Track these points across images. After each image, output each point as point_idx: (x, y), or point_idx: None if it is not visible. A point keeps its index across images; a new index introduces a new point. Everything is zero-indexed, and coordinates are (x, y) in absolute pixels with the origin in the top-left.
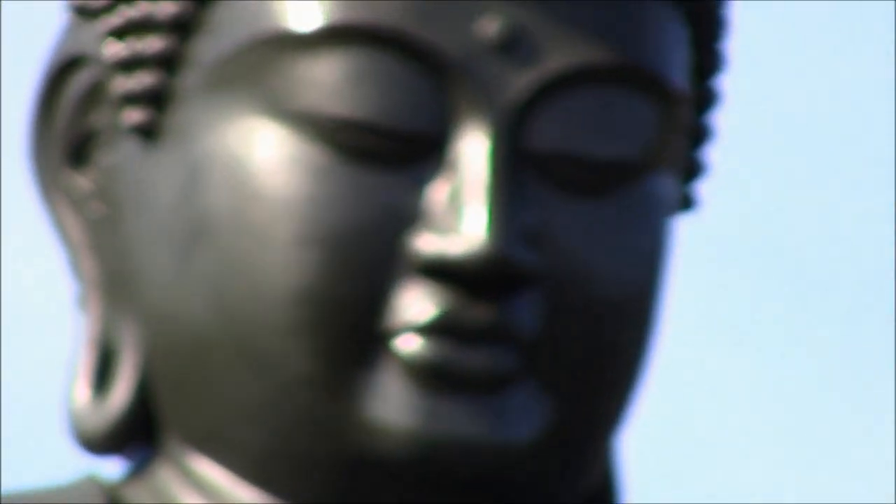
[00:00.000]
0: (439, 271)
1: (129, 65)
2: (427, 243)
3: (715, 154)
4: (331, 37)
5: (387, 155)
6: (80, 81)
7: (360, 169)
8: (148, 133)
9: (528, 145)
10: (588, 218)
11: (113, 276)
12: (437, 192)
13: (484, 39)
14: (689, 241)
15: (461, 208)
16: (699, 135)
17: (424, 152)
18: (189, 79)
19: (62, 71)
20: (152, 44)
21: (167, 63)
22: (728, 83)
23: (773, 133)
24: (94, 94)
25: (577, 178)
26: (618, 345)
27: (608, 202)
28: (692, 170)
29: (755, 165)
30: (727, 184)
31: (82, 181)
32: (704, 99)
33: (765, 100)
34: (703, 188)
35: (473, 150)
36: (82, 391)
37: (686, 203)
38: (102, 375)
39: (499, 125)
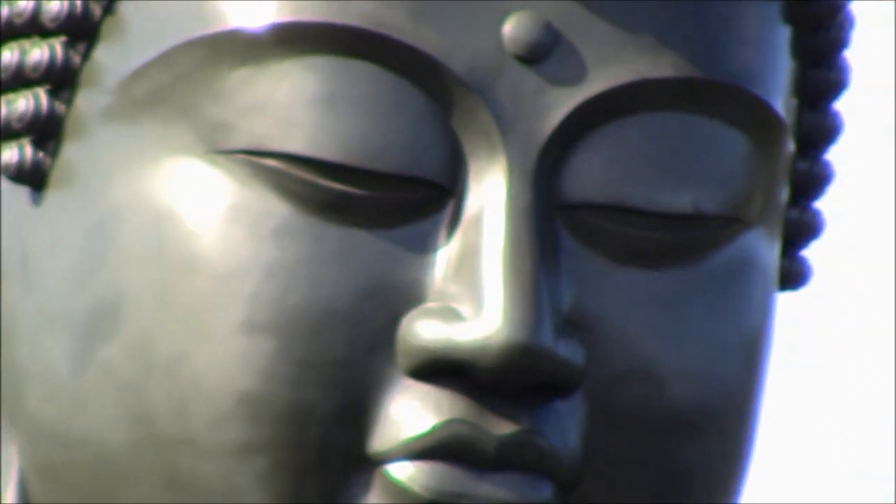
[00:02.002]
0: (443, 368)
1: (2, 85)
2: (426, 330)
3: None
4: (285, 41)
5: (368, 209)
6: None
7: (331, 228)
8: (31, 179)
9: (565, 194)
10: (649, 294)
11: None
12: (440, 261)
13: (506, 49)
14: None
15: (472, 283)
16: (807, 181)
17: (422, 205)
18: (89, 104)
19: None
20: (34, 55)
21: (56, 81)
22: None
23: None
24: None
25: (634, 239)
26: (692, 469)
27: (678, 273)
28: (798, 229)
29: None
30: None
31: None
32: (815, 130)
33: None
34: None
35: (489, 201)
36: None
37: (789, 275)
38: None
39: (525, 167)
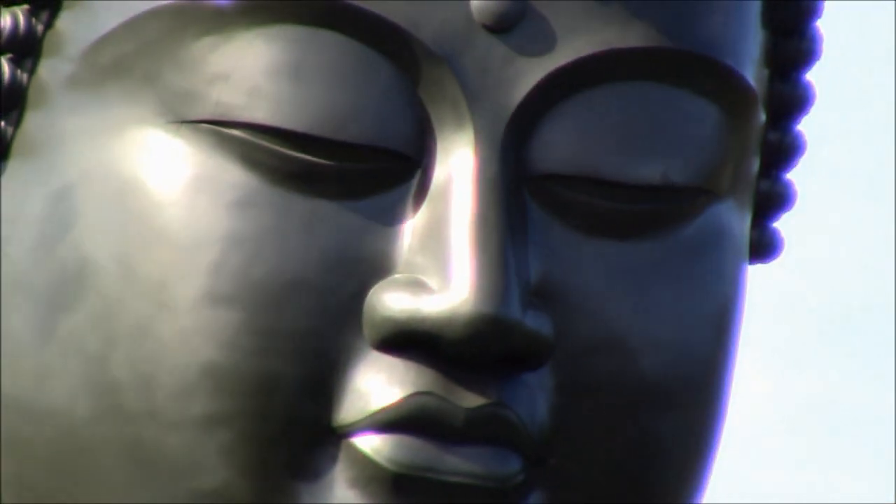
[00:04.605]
0: (410, 340)
1: None
2: (393, 302)
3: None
4: (250, 11)
5: (334, 179)
6: None
7: (297, 198)
8: None
9: (534, 165)
10: (618, 266)
11: None
12: (407, 233)
13: (474, 18)
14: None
15: (439, 254)
16: (778, 151)
17: (389, 176)
18: (52, 73)
19: None
20: None
21: (18, 50)
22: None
23: None
24: None
25: (602, 210)
26: (663, 442)
27: (648, 244)
28: (769, 201)
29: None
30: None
31: None
32: (787, 100)
33: None
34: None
35: (457, 173)
36: None
37: (760, 247)
38: None
39: (493, 138)
